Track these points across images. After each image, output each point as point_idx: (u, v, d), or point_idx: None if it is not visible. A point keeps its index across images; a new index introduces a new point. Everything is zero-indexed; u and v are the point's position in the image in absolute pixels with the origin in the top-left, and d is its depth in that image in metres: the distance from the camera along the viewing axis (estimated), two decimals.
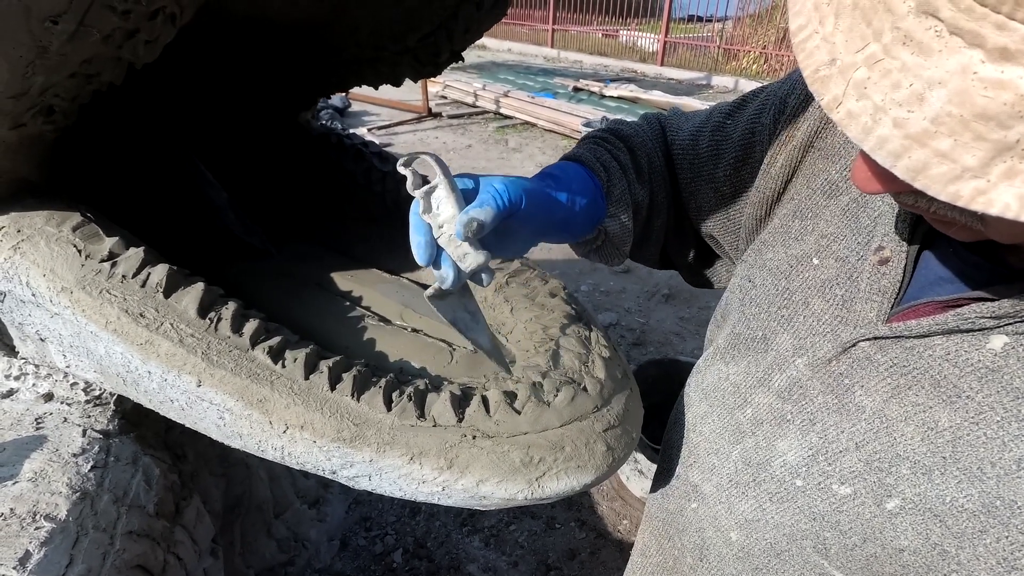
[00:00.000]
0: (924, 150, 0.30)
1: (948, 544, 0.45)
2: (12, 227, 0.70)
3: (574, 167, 0.66)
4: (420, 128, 6.65)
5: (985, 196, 0.29)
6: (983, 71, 0.27)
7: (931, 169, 0.30)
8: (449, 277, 0.55)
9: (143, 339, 0.64)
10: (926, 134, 0.29)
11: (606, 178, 0.67)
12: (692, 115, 0.77)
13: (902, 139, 0.30)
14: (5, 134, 0.60)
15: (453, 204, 0.52)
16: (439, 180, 0.52)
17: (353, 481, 0.63)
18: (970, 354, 0.44)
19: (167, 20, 0.48)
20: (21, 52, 0.45)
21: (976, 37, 0.27)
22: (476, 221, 0.50)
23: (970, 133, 0.28)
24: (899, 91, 0.30)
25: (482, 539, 1.94)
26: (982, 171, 0.28)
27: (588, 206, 0.64)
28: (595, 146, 0.71)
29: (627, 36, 11.87)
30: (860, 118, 0.32)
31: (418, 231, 0.54)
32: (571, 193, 0.62)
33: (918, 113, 0.29)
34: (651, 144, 0.75)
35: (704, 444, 0.68)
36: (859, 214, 0.55)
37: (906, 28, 0.29)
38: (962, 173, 0.29)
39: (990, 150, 0.28)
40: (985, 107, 0.27)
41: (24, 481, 0.73)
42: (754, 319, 0.63)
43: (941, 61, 0.28)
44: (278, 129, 1.15)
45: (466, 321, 0.61)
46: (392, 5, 0.74)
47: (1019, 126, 0.27)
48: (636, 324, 3.15)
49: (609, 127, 0.76)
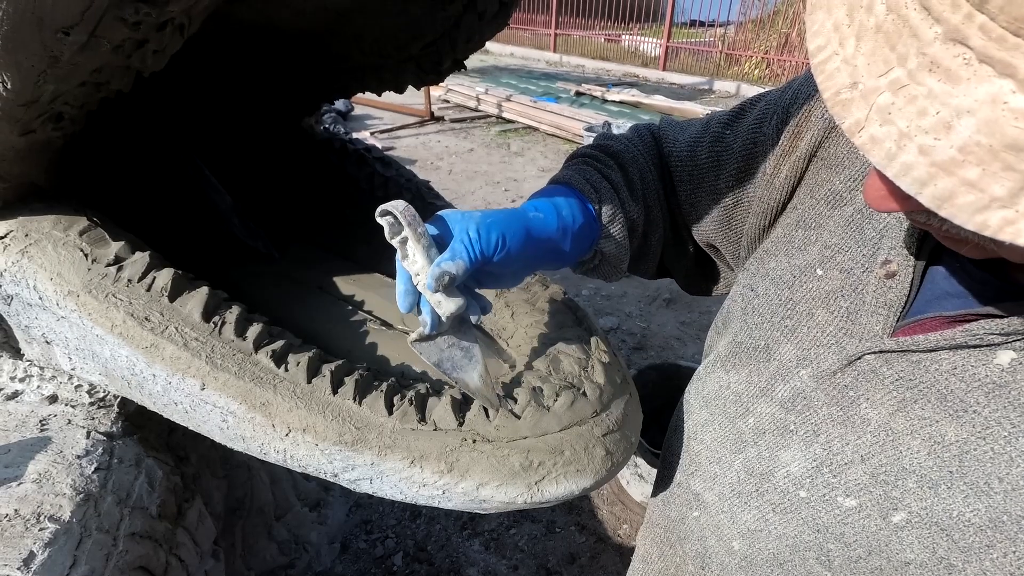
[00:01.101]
0: (951, 179, 0.29)
1: (955, 558, 0.45)
2: (20, 231, 0.71)
3: (563, 191, 0.65)
4: (422, 132, 6.67)
5: (1014, 227, 0.28)
6: (1014, 101, 0.27)
7: (958, 198, 0.29)
8: (428, 322, 0.56)
9: (148, 342, 0.65)
10: (953, 163, 0.29)
11: (597, 199, 0.66)
12: (687, 125, 0.76)
13: (928, 167, 0.30)
14: (15, 140, 0.61)
15: (422, 255, 0.52)
16: (407, 232, 0.52)
17: (354, 484, 0.63)
18: (977, 369, 0.44)
19: (176, 30, 0.49)
20: (33, 62, 0.46)
21: (1007, 67, 0.27)
22: (447, 275, 0.51)
23: (999, 163, 0.28)
24: (925, 118, 0.30)
25: (482, 543, 1.94)
26: (1011, 201, 0.28)
27: (580, 231, 0.63)
28: (585, 166, 0.70)
29: (629, 41, 11.90)
30: (884, 144, 0.31)
31: (401, 279, 0.55)
32: (561, 221, 0.61)
33: (945, 141, 0.29)
34: (643, 159, 0.74)
35: (705, 452, 0.68)
36: (864, 226, 0.55)
37: (933, 54, 0.29)
38: (990, 203, 0.28)
39: (1020, 180, 0.28)
40: (1016, 138, 0.27)
41: (28, 482, 0.74)
42: (756, 328, 0.63)
43: (970, 89, 0.28)
44: (282, 134, 1.16)
45: (455, 360, 0.61)
46: (396, 14, 0.75)
47: None
48: (637, 328, 3.15)
49: (598, 143, 0.75)
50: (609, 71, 11.08)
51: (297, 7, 0.75)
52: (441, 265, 0.52)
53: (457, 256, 0.53)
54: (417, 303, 0.57)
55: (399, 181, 1.04)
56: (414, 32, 0.78)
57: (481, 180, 5.29)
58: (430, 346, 0.59)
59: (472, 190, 5.05)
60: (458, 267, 0.52)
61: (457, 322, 0.59)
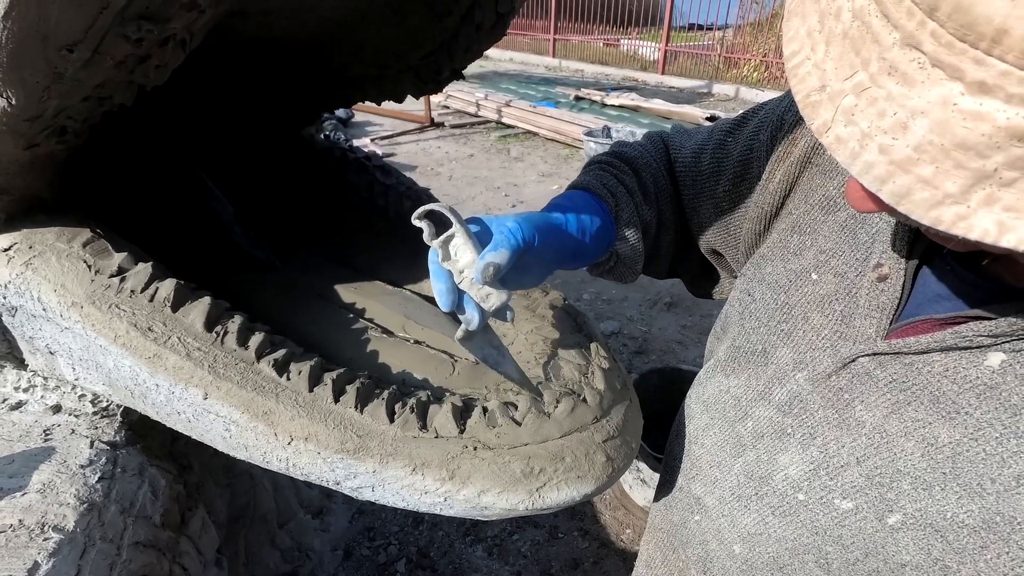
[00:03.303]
0: (908, 176, 0.31)
1: (949, 560, 0.45)
2: (24, 243, 0.72)
3: (581, 195, 0.68)
4: (423, 138, 6.70)
5: (966, 221, 0.30)
6: (963, 103, 0.28)
7: (914, 194, 0.31)
8: (475, 319, 0.58)
9: (151, 353, 0.65)
10: (909, 161, 0.31)
11: (614, 203, 0.68)
12: (695, 132, 0.78)
13: (887, 165, 0.31)
14: (19, 154, 0.61)
15: (471, 250, 0.54)
16: (456, 228, 0.54)
17: (357, 492, 0.63)
18: (968, 371, 0.45)
19: (178, 45, 0.50)
20: (38, 78, 0.47)
21: (956, 71, 0.28)
22: (493, 265, 0.53)
23: (951, 161, 0.29)
24: (884, 119, 0.31)
25: (485, 549, 1.94)
26: (963, 197, 0.30)
27: (598, 233, 0.65)
28: (601, 172, 0.73)
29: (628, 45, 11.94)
30: (848, 143, 0.33)
31: (439, 279, 0.57)
32: (581, 223, 0.64)
33: (902, 141, 0.31)
34: (655, 164, 0.76)
35: (706, 457, 0.68)
36: (857, 230, 0.56)
37: (891, 59, 0.31)
38: (943, 199, 0.30)
39: (970, 178, 0.29)
40: (965, 137, 0.29)
41: (32, 492, 0.74)
42: (754, 332, 0.63)
43: (924, 92, 0.29)
44: (283, 143, 1.17)
45: (494, 356, 0.64)
46: (395, 25, 0.76)
47: (996, 156, 0.28)
48: (638, 333, 3.15)
49: (613, 151, 0.78)
50: (608, 75, 11.11)
51: (298, 20, 0.76)
52: (487, 256, 0.53)
53: (500, 246, 0.54)
54: (459, 302, 0.59)
55: (399, 189, 1.04)
56: (413, 43, 0.79)
57: (481, 185, 5.31)
58: (474, 343, 0.62)
59: (472, 195, 5.06)
60: (502, 256, 0.54)
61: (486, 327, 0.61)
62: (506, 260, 0.54)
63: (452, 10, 0.73)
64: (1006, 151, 0.28)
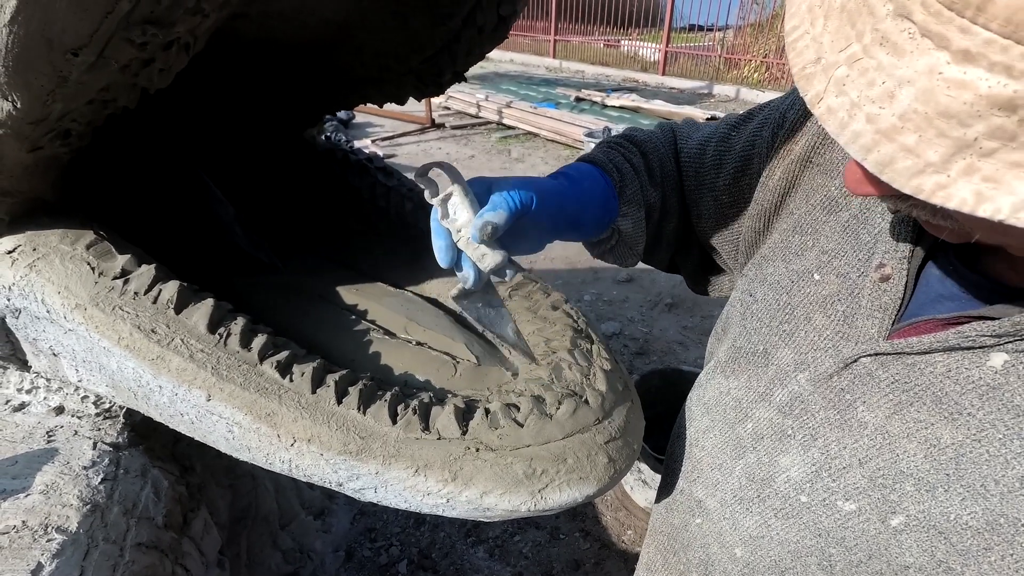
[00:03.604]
0: (892, 145, 0.31)
1: (953, 561, 0.45)
2: (28, 246, 0.72)
3: (587, 167, 0.69)
4: (423, 139, 6.70)
5: (945, 191, 0.30)
6: (948, 72, 0.29)
7: (897, 163, 0.31)
8: (471, 277, 0.59)
9: (155, 354, 0.65)
10: (894, 129, 0.31)
11: (619, 178, 0.69)
12: (703, 126, 0.78)
13: (873, 134, 0.32)
14: (23, 157, 0.62)
15: (468, 209, 0.55)
16: (454, 187, 0.55)
17: (359, 493, 0.64)
18: (971, 371, 0.45)
19: (181, 49, 0.50)
20: (42, 82, 0.47)
21: (943, 40, 0.29)
22: (490, 224, 0.53)
23: (934, 130, 0.30)
24: (873, 88, 0.32)
25: (486, 550, 1.94)
26: (943, 166, 0.30)
27: (600, 204, 0.66)
28: (609, 150, 0.74)
29: (628, 46, 11.95)
30: (838, 113, 0.33)
31: (438, 236, 0.58)
32: (583, 191, 0.64)
33: (888, 110, 0.31)
34: (664, 150, 0.77)
35: (707, 459, 0.68)
36: (859, 231, 0.56)
37: (884, 30, 0.31)
38: (925, 168, 0.31)
39: (951, 147, 0.30)
40: (948, 106, 0.29)
41: (36, 493, 0.75)
42: (755, 333, 0.63)
43: (912, 61, 0.30)
44: (285, 145, 1.17)
45: (491, 317, 0.65)
46: (397, 29, 0.77)
47: (978, 125, 0.29)
48: (639, 333, 3.15)
49: (624, 134, 0.79)
50: (609, 76, 11.12)
51: (300, 22, 0.76)
52: (484, 216, 0.54)
53: (498, 207, 0.55)
54: (457, 260, 0.59)
55: (401, 191, 1.05)
56: (415, 46, 0.79)
57: None
58: (470, 302, 0.63)
59: None
60: (500, 217, 0.54)
61: (487, 283, 0.62)
62: (504, 220, 0.54)
63: (454, 13, 0.73)
64: (987, 120, 0.28)
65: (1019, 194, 0.29)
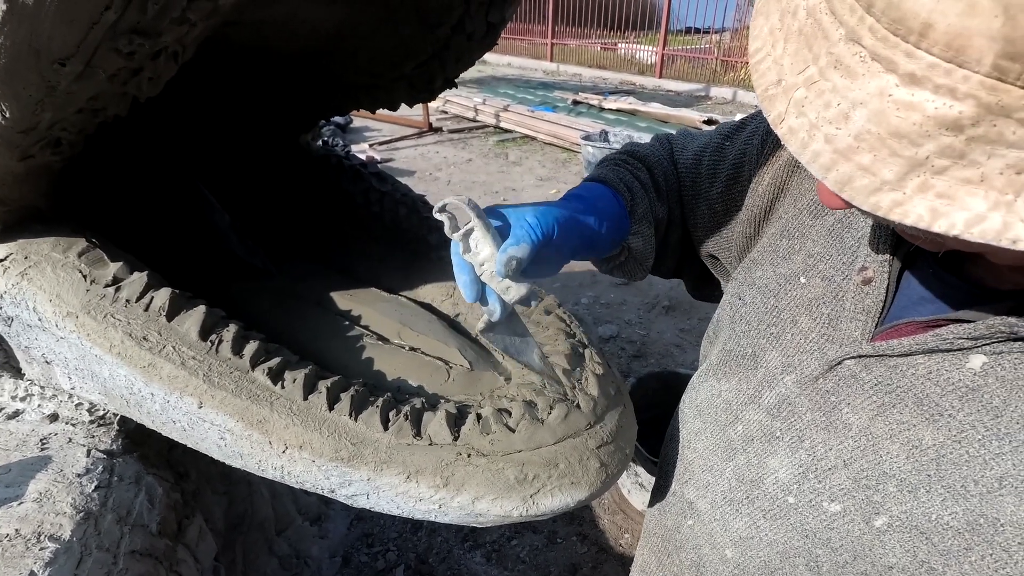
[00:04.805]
0: (849, 164, 0.32)
1: (935, 562, 0.46)
2: (20, 254, 0.72)
3: (600, 188, 0.70)
4: (421, 143, 6.71)
5: (902, 207, 0.31)
6: (897, 94, 0.30)
7: (855, 182, 0.32)
8: (496, 310, 0.59)
9: (146, 362, 0.65)
10: (850, 149, 0.32)
11: (630, 198, 0.70)
12: (698, 135, 0.80)
13: (831, 153, 0.33)
14: (14, 165, 0.62)
15: (490, 243, 0.55)
16: (474, 223, 0.55)
17: (351, 499, 0.64)
18: (951, 373, 0.45)
19: (170, 58, 0.50)
20: (31, 91, 0.48)
21: (891, 63, 0.30)
22: (515, 259, 0.54)
23: (887, 150, 0.31)
24: (829, 110, 0.33)
25: (484, 554, 1.94)
26: (899, 184, 0.31)
27: (614, 225, 0.67)
28: (617, 167, 0.74)
29: (625, 49, 11.98)
30: (799, 134, 0.34)
31: (462, 271, 0.58)
32: (598, 214, 0.65)
33: (844, 130, 0.32)
34: (666, 163, 0.78)
35: (698, 461, 0.69)
36: (843, 234, 0.56)
37: (837, 53, 0.32)
38: (881, 186, 0.31)
39: (904, 165, 0.31)
40: (899, 126, 0.30)
41: (29, 502, 0.74)
42: (744, 336, 0.64)
43: (864, 84, 0.31)
44: (279, 151, 1.18)
45: (516, 345, 0.66)
46: (388, 36, 0.77)
47: (928, 144, 0.29)
48: (637, 336, 3.16)
49: (626, 149, 0.80)
50: (606, 79, 11.15)
51: (292, 30, 0.76)
52: (508, 251, 0.54)
53: (521, 241, 0.55)
54: (482, 293, 0.59)
55: (395, 196, 1.05)
56: (406, 53, 0.79)
57: (480, 190, 5.32)
58: (496, 334, 0.63)
59: None
60: (523, 251, 0.55)
61: (511, 313, 0.62)
62: (527, 254, 0.55)
63: (443, 21, 0.74)
64: (936, 139, 0.29)
65: (972, 209, 0.29)
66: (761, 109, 0.37)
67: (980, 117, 0.28)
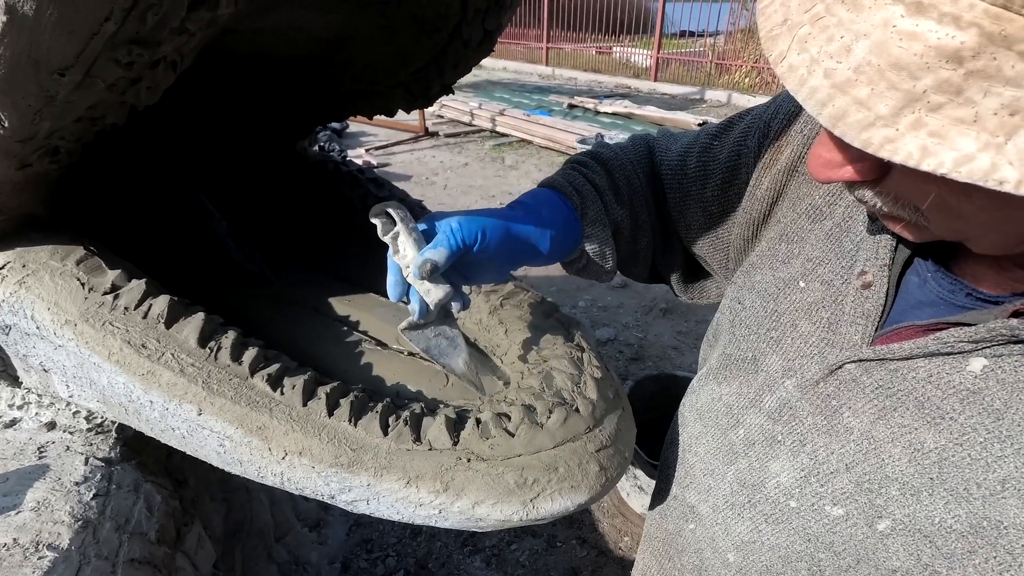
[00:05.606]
0: (845, 98, 0.32)
1: (939, 565, 0.46)
2: (17, 262, 0.72)
3: (545, 193, 0.70)
4: (417, 148, 6.72)
5: (892, 144, 0.31)
6: (901, 24, 0.30)
7: (849, 116, 0.32)
8: (416, 310, 0.62)
9: (145, 369, 0.65)
10: (848, 82, 0.32)
11: (579, 201, 0.69)
12: (681, 136, 0.79)
13: (829, 88, 0.33)
14: (12, 174, 0.62)
15: (412, 247, 0.58)
16: (399, 226, 0.58)
17: (351, 505, 0.64)
18: (952, 376, 0.45)
19: (168, 67, 0.51)
20: (30, 101, 0.48)
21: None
22: (429, 262, 0.56)
23: (885, 82, 0.31)
24: (832, 44, 0.33)
25: (483, 559, 1.93)
26: (892, 120, 0.31)
27: (562, 228, 0.67)
28: (571, 171, 0.74)
29: (620, 53, 12.02)
30: (798, 70, 0.34)
31: (390, 271, 0.61)
32: (540, 219, 0.65)
33: (844, 63, 0.32)
34: (631, 165, 0.77)
35: (699, 465, 0.69)
36: (842, 238, 0.56)
37: None
38: (875, 121, 0.31)
39: (900, 100, 0.31)
40: (899, 57, 0.30)
41: (27, 510, 0.74)
42: (744, 340, 0.64)
43: (870, 16, 0.31)
44: (276, 158, 1.18)
45: (441, 348, 0.67)
46: (384, 43, 0.77)
47: (926, 78, 0.30)
48: (634, 339, 3.16)
49: (590, 151, 0.79)
50: (601, 83, 11.18)
51: (289, 37, 0.77)
52: (425, 254, 0.57)
53: (439, 245, 0.57)
54: (407, 293, 0.62)
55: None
56: (402, 60, 0.80)
57: (476, 194, 5.32)
58: (418, 334, 0.65)
59: (467, 204, 5.07)
60: (439, 255, 0.57)
61: (443, 313, 0.65)
62: (444, 258, 0.57)
63: (440, 27, 0.74)
64: (935, 72, 0.29)
65: (962, 150, 0.30)
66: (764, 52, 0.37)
67: (981, 48, 0.28)
